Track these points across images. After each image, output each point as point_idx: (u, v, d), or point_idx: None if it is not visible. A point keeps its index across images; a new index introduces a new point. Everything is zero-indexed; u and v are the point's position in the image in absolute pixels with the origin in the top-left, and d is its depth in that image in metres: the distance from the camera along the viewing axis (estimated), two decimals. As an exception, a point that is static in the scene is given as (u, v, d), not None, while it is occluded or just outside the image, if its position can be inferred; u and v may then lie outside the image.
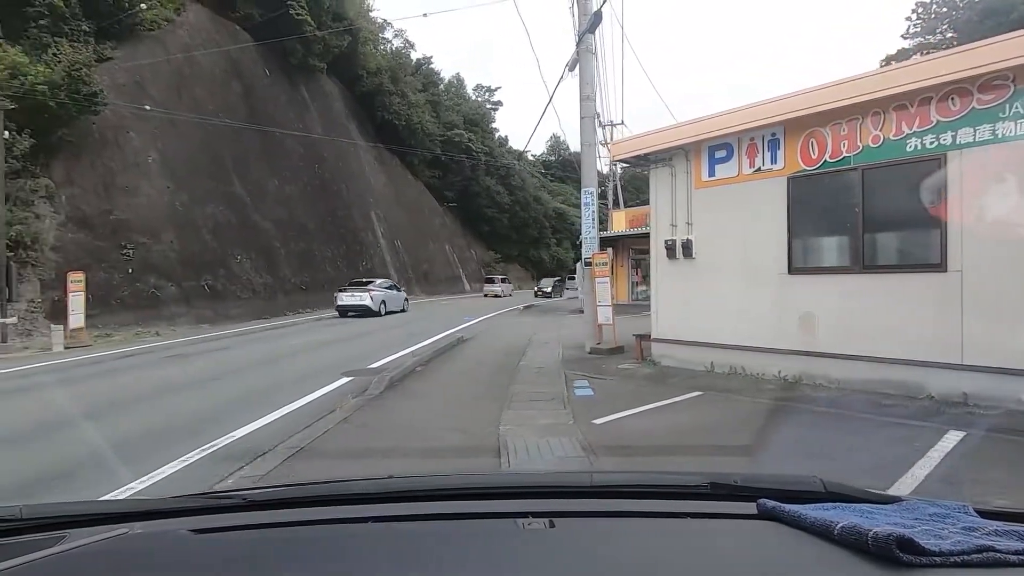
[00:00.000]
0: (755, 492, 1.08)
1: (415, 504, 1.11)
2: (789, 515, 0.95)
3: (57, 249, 16.36)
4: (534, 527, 0.96)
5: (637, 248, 22.65)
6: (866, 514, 0.95)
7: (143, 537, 0.99)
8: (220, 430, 5.55)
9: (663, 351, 9.04)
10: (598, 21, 10.08)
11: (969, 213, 5.94)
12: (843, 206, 6.96)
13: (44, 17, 18.41)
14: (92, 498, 3.85)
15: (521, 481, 1.39)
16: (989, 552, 0.78)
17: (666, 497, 1.15)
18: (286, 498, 1.16)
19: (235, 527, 1.01)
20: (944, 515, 0.96)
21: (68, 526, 1.00)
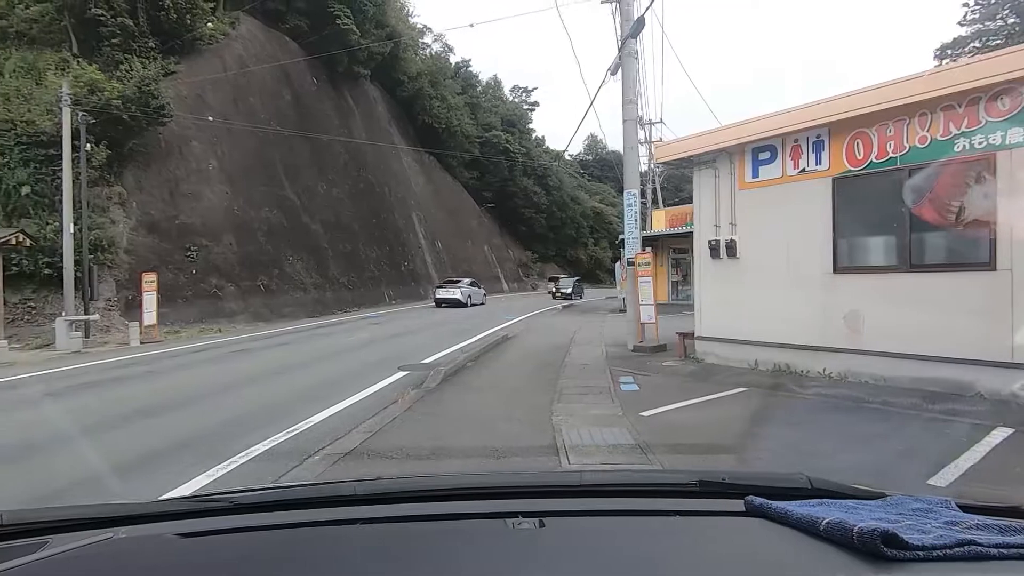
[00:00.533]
0: (743, 489, 1.08)
1: (404, 505, 1.12)
2: (776, 512, 0.96)
3: (129, 252, 17.60)
4: (524, 527, 0.97)
5: (677, 247, 22.64)
6: (851, 510, 0.97)
7: (128, 542, 0.97)
8: (296, 417, 6.10)
9: (706, 349, 9.22)
10: (640, 27, 10.33)
11: (1019, 212, 5.97)
12: (889, 206, 7.04)
13: (116, 36, 19.83)
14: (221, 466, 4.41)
15: (510, 481, 1.39)
16: (970, 545, 0.80)
17: (655, 495, 1.16)
18: (273, 501, 1.16)
19: (222, 531, 1.00)
20: (927, 510, 0.98)
21: (51, 531, 0.99)
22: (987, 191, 6.20)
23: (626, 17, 11.05)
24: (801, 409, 6.13)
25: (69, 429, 5.93)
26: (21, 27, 20.50)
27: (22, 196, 15.93)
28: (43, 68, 18.89)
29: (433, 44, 50.55)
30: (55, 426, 6.19)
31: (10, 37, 20.38)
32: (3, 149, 16.29)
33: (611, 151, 69.91)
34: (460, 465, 4.48)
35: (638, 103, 11.69)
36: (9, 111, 16.92)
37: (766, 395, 6.82)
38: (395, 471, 4.41)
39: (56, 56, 19.66)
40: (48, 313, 15.21)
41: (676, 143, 9.61)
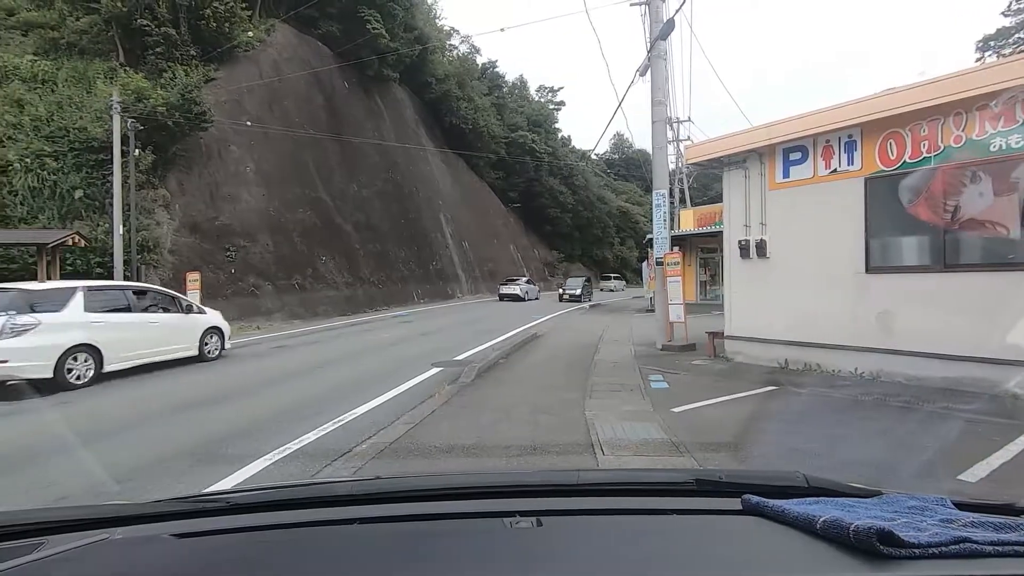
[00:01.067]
0: (740, 488, 1.09)
1: (401, 505, 1.12)
2: (773, 510, 0.96)
3: (173, 252, 18.37)
4: (521, 526, 0.97)
5: (705, 247, 22.51)
6: (848, 508, 0.97)
7: (124, 542, 0.96)
8: (341, 408, 6.44)
9: (736, 348, 9.29)
10: (670, 29, 10.42)
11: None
12: (923, 206, 7.03)
13: (160, 45, 20.69)
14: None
15: (508, 480, 1.40)
16: (966, 543, 0.80)
17: (652, 494, 1.16)
18: (270, 501, 1.16)
19: (218, 531, 1.00)
20: (923, 508, 0.99)
21: (47, 532, 0.99)
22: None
23: (655, 19, 11.15)
24: (831, 407, 6.21)
25: (161, 412, 6.56)
26: (72, 38, 21.57)
27: (76, 199, 16.78)
28: (93, 77, 19.85)
29: (460, 46, 51.13)
30: (147, 409, 6.78)
31: (62, 48, 21.46)
32: (58, 155, 17.18)
33: (637, 150, 69.51)
34: (501, 454, 4.71)
35: (667, 104, 11.77)
36: (63, 119, 17.84)
37: (796, 394, 6.90)
38: (440, 460, 4.67)
39: (104, 65, 20.63)
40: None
41: (706, 144, 9.69)
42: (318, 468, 4.48)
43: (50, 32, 21.79)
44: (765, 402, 6.58)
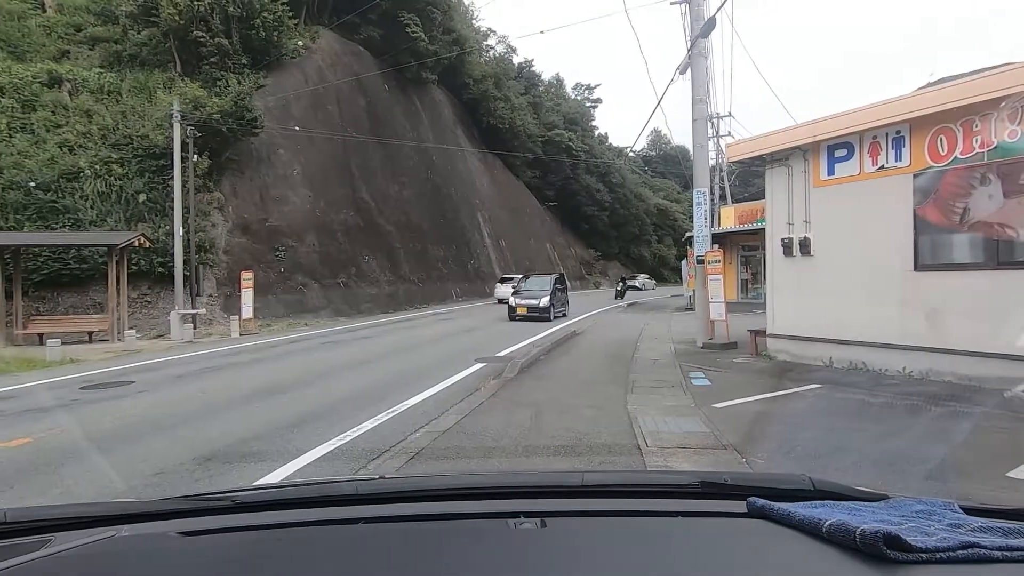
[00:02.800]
0: (745, 491, 1.08)
1: (405, 505, 1.12)
2: (778, 513, 0.96)
3: (227, 252, 19.32)
4: (526, 527, 0.97)
5: (747, 245, 22.17)
6: (854, 512, 0.96)
7: (130, 540, 0.97)
8: (394, 400, 6.80)
9: (779, 346, 9.26)
10: (711, 27, 10.42)
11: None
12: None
13: (214, 55, 21.72)
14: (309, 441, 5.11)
15: (512, 481, 1.40)
16: (974, 548, 0.79)
17: (657, 496, 1.16)
18: (274, 500, 1.17)
19: (223, 529, 1.01)
20: (930, 512, 0.97)
21: (54, 529, 0.99)
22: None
23: (696, 17, 11.15)
24: (876, 406, 6.20)
25: (222, 401, 7.07)
26: (133, 51, 22.86)
27: (139, 203, 17.86)
28: (153, 87, 21.03)
29: (497, 46, 51.48)
30: (210, 399, 7.32)
31: (124, 60, 22.77)
32: (123, 161, 18.31)
33: (676, 146, 68.46)
34: (548, 444, 4.95)
35: (708, 102, 11.76)
36: (127, 127, 18.99)
37: (841, 392, 6.88)
38: (491, 448, 4.93)
39: (163, 76, 21.80)
40: (160, 307, 17.00)
41: (748, 142, 9.67)
42: (379, 452, 4.81)
43: (114, 45, 23.15)
44: (809, 399, 6.60)
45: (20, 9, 23.74)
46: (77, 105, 19.73)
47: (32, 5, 24.43)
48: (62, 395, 7.63)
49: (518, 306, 18.41)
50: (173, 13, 20.92)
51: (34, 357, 10.70)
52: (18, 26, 22.86)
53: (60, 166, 17.54)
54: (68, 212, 17.03)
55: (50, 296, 16.41)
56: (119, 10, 23.03)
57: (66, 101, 19.92)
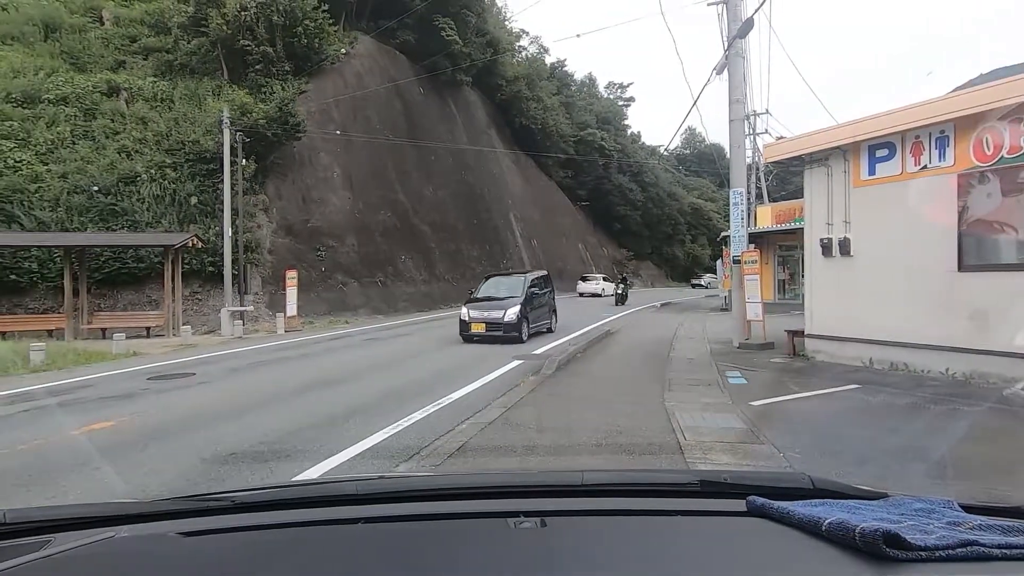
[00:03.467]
0: (744, 489, 1.09)
1: (405, 505, 1.12)
2: (778, 512, 0.96)
3: (271, 252, 20.12)
4: (525, 526, 0.97)
5: (784, 244, 21.84)
6: (853, 510, 0.96)
7: (130, 540, 0.98)
8: (438, 394, 7.12)
9: (817, 347, 9.25)
10: (749, 28, 10.43)
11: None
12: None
13: (259, 63, 22.59)
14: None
15: (512, 480, 1.41)
16: (973, 546, 0.80)
17: (657, 495, 1.16)
18: (275, 500, 1.17)
19: (223, 529, 1.01)
20: (929, 510, 0.98)
21: (54, 530, 1.00)
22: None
23: (733, 17, 11.17)
24: (918, 406, 6.20)
25: (279, 392, 7.57)
26: (184, 60, 23.95)
27: (191, 205, 18.78)
28: (202, 94, 22.02)
29: (529, 47, 51.76)
30: (267, 390, 7.81)
31: (175, 69, 23.88)
32: (176, 166, 19.28)
33: (711, 144, 67.49)
34: (589, 436, 5.18)
35: (745, 102, 11.75)
36: (180, 133, 19.96)
37: (880, 392, 6.89)
38: (535, 439, 5.18)
39: (212, 83, 22.80)
40: (210, 304, 17.85)
41: (786, 142, 9.68)
42: (430, 441, 5.12)
43: (166, 55, 24.29)
44: (848, 399, 6.64)
45: (81, 23, 25.15)
46: (133, 113, 20.85)
47: (91, 19, 25.83)
48: (132, 385, 8.23)
49: (473, 322, 12.36)
50: (221, 23, 21.86)
51: (101, 350, 11.46)
52: (79, 39, 24.22)
53: (119, 171, 18.60)
54: (126, 214, 18.05)
55: (110, 293, 17.44)
56: (171, 21, 24.16)
57: (123, 109, 21.06)
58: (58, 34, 24.10)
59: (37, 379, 8.85)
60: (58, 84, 21.01)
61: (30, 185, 17.77)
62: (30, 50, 23.01)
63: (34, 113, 19.87)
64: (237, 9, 21.65)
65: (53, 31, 24.17)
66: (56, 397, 7.43)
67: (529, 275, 14.42)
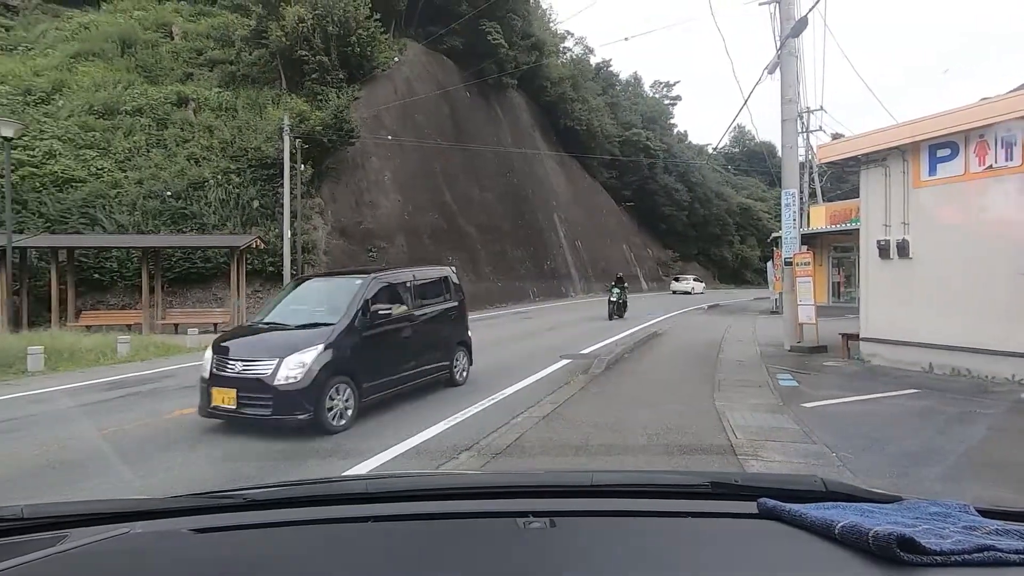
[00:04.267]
0: (756, 491, 1.08)
1: (415, 504, 1.13)
2: (790, 514, 0.95)
3: (327, 252, 21.01)
4: (535, 526, 0.97)
5: (839, 246, 21.16)
6: (867, 513, 0.95)
7: (144, 537, 0.99)
8: (491, 389, 7.43)
9: (873, 350, 9.07)
10: (803, 27, 10.30)
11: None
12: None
13: (315, 72, 23.59)
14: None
15: (521, 480, 1.42)
16: (990, 551, 0.78)
17: (667, 496, 1.15)
18: (286, 498, 1.17)
19: (235, 527, 1.02)
20: (945, 514, 0.96)
21: (69, 525, 1.01)
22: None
23: (786, 16, 11.03)
24: (977, 411, 6.07)
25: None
26: (245, 70, 25.27)
27: (253, 208, 19.85)
28: (263, 103, 23.19)
29: (574, 48, 51.74)
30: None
31: (238, 80, 25.22)
32: (239, 171, 20.42)
33: (761, 142, 65.62)
34: (640, 431, 5.35)
35: (797, 101, 11.59)
36: (243, 140, 21.11)
37: (939, 397, 6.76)
38: (588, 433, 5.40)
39: (271, 92, 23.98)
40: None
41: (841, 143, 9.53)
42: (488, 432, 5.42)
43: (229, 66, 25.68)
44: (904, 403, 6.55)
45: (153, 38, 26.90)
46: (200, 122, 22.19)
47: (163, 34, 27.59)
48: (209, 376, 8.89)
49: (216, 385, 5.68)
50: (280, 35, 22.96)
51: (177, 343, 12.36)
52: (152, 53, 25.92)
53: (188, 177, 19.86)
54: (195, 217, 19.26)
55: (180, 291, 18.65)
56: (235, 34, 25.52)
57: (191, 118, 22.44)
58: (133, 49, 25.87)
59: (126, 369, 9.70)
60: (134, 96, 22.58)
61: (110, 191, 19.21)
62: (109, 65, 24.79)
63: (113, 124, 21.45)
64: (295, 21, 22.70)
65: (129, 47, 25.95)
66: (145, 385, 8.16)
67: (380, 277, 6.84)
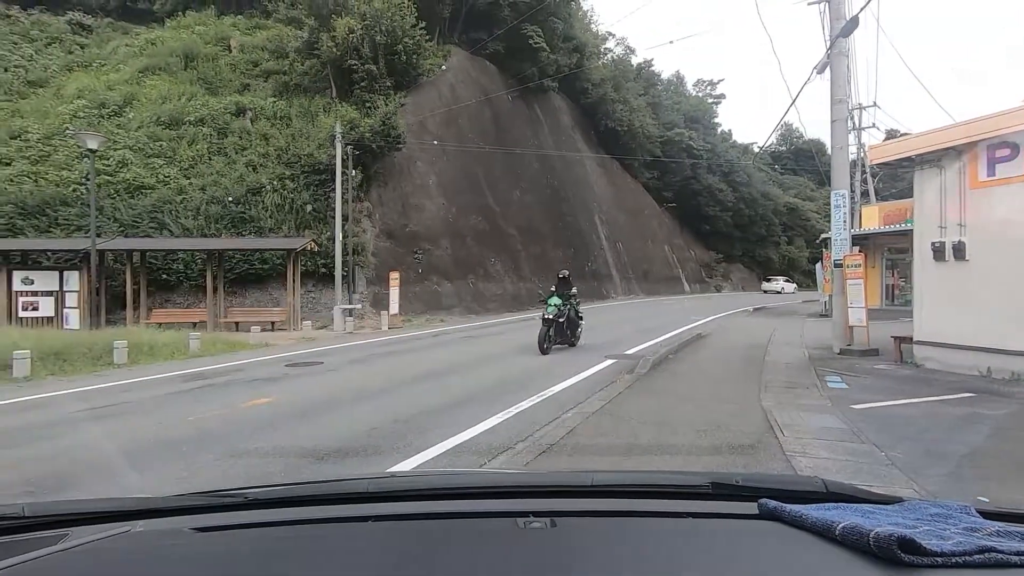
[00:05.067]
0: (756, 492, 1.08)
1: (416, 503, 1.13)
2: (790, 515, 0.95)
3: (375, 255, 21.76)
4: (535, 526, 0.98)
5: (894, 247, 20.49)
6: (867, 514, 0.95)
7: (145, 535, 0.99)
8: (539, 387, 7.70)
9: (927, 354, 8.91)
10: (854, 26, 10.18)
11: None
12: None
13: (364, 80, 24.45)
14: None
15: (522, 480, 1.41)
16: (991, 553, 0.78)
17: (667, 497, 1.15)
18: (288, 497, 1.18)
19: (237, 525, 1.03)
20: (946, 515, 0.96)
21: (71, 524, 1.01)
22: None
23: (836, 15, 10.92)
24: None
25: (400, 380, 8.55)
26: (298, 80, 26.39)
27: (306, 213, 20.77)
28: (315, 111, 24.20)
29: (615, 48, 51.56)
30: (387, 378, 8.81)
31: (291, 89, 26.37)
32: (293, 176, 21.40)
33: (809, 140, 63.64)
34: (688, 429, 5.53)
35: (848, 101, 11.43)
36: (296, 148, 22.11)
37: (997, 401, 6.65)
38: (636, 428, 5.61)
39: (322, 101, 24.98)
40: (322, 302, 19.66)
41: (893, 144, 9.40)
42: (541, 425, 5.71)
43: (283, 77, 26.88)
44: (960, 406, 6.47)
45: (213, 52, 28.44)
46: (257, 130, 23.36)
47: (222, 48, 29.12)
48: (274, 370, 9.53)
49: None
50: (331, 45, 23.90)
51: (241, 340, 13.17)
52: (212, 66, 27.41)
53: (247, 183, 20.96)
54: (253, 221, 20.31)
55: (239, 291, 19.71)
56: (288, 46, 26.71)
57: (249, 127, 23.64)
58: (195, 63, 27.43)
59: (198, 363, 10.46)
60: (196, 107, 23.97)
61: (176, 197, 20.48)
62: (174, 78, 26.37)
63: (178, 134, 22.84)
64: (346, 31, 23.59)
65: (191, 60, 27.54)
66: (220, 378, 8.83)
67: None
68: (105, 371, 9.64)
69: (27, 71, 28.28)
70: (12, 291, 16.24)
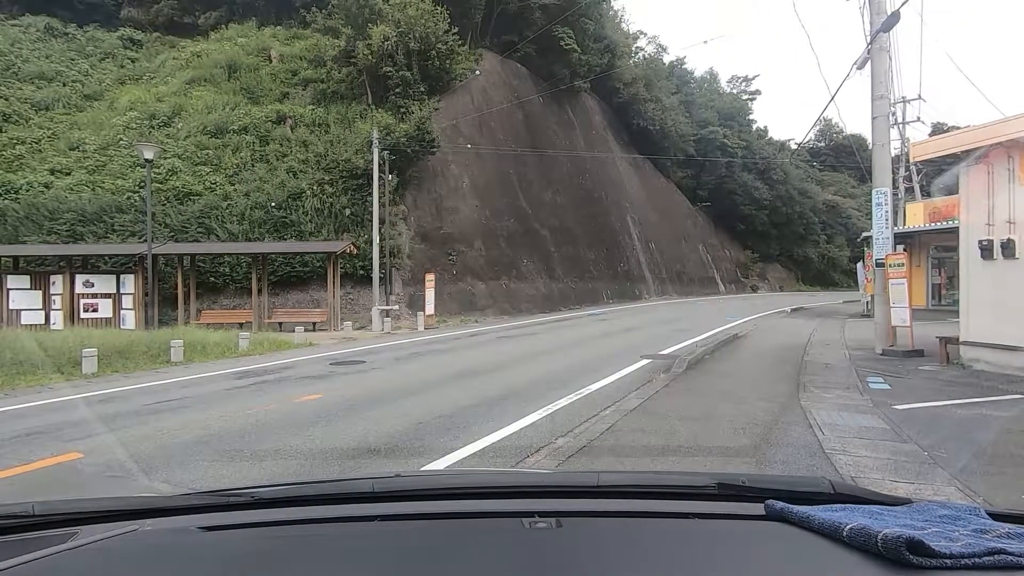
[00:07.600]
0: (763, 493, 1.08)
1: (421, 503, 1.14)
2: (797, 516, 0.95)
3: (410, 257, 22.23)
4: (540, 526, 0.98)
5: (940, 246, 19.86)
6: (875, 516, 0.95)
7: (153, 534, 1.00)
8: (576, 385, 7.86)
9: (974, 355, 8.70)
10: (895, 21, 9.99)
11: None
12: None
13: (398, 86, 24.99)
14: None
15: (528, 480, 1.42)
16: (1000, 555, 0.77)
17: (673, 498, 1.15)
18: (294, 496, 1.19)
19: (244, 524, 1.04)
20: (955, 517, 0.95)
21: (80, 523, 1.03)
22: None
23: (876, 10, 10.73)
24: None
25: (441, 378, 8.82)
26: (335, 87, 27.16)
27: (345, 216, 21.38)
28: (352, 118, 24.87)
29: (647, 47, 51.17)
30: (427, 377, 9.08)
31: (328, 96, 27.15)
32: (332, 181, 22.05)
33: (849, 135, 61.76)
34: (727, 426, 5.61)
35: (889, 97, 11.22)
36: (335, 153, 22.78)
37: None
38: (675, 425, 5.70)
39: (358, 107, 25.65)
40: (360, 303, 20.20)
41: (937, 140, 9.21)
42: (581, 421, 5.87)
43: (320, 85, 27.70)
44: (1009, 408, 6.35)
45: (255, 62, 29.51)
46: (297, 137, 24.15)
47: (262, 58, 30.18)
48: (320, 368, 9.94)
49: None
50: (367, 53, 24.53)
51: (286, 340, 13.71)
52: (253, 76, 28.44)
53: (288, 188, 21.71)
54: (294, 225, 21.03)
55: (282, 293, 20.41)
56: (325, 55, 27.51)
57: (289, 135, 24.46)
58: (238, 73, 28.51)
59: (248, 361, 10.98)
60: (239, 116, 24.94)
61: (222, 203, 21.37)
62: (218, 89, 27.49)
63: (223, 142, 23.82)
64: (381, 39, 24.18)
65: (234, 71, 28.63)
66: (270, 375, 9.28)
67: None
68: (164, 368, 10.23)
69: (83, 85, 29.87)
70: (75, 294, 17.26)
